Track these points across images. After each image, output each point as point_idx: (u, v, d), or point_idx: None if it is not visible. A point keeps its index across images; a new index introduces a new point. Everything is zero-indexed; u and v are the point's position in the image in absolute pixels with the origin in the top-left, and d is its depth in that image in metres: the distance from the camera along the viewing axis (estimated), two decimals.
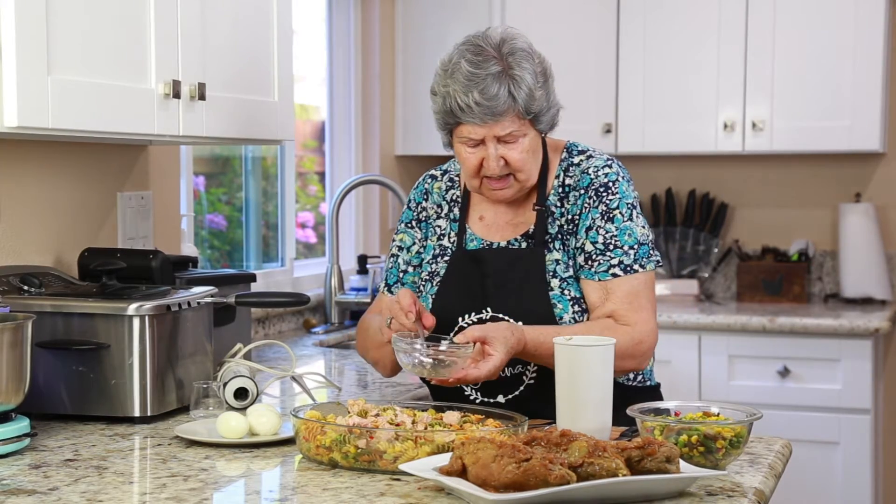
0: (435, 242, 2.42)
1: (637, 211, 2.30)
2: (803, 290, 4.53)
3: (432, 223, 2.44)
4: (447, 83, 2.29)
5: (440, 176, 2.48)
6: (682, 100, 4.45)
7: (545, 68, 2.30)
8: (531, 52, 2.28)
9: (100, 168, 2.80)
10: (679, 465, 1.72)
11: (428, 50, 4.45)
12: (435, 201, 2.45)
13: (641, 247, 2.28)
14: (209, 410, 2.25)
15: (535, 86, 2.25)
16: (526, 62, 2.25)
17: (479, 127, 2.24)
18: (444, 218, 2.43)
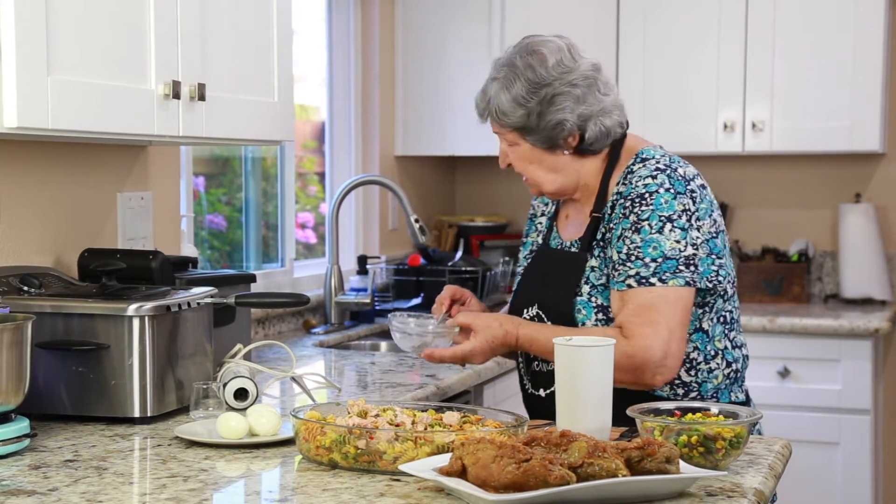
0: (534, 238, 2.53)
1: (676, 224, 2.20)
2: (803, 290, 4.53)
3: (536, 220, 2.55)
4: None
5: None
6: (682, 100, 4.45)
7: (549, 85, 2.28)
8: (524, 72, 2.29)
9: (100, 168, 2.80)
10: (679, 466, 1.72)
11: (428, 50, 4.45)
12: (543, 200, 2.54)
13: (667, 261, 2.19)
14: (209, 411, 2.25)
15: (513, 103, 2.29)
16: (509, 80, 2.30)
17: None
18: (545, 216, 2.52)
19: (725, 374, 2.31)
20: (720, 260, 2.26)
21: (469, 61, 4.39)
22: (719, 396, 2.31)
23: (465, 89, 4.40)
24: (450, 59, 4.43)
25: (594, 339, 2.02)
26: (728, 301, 2.31)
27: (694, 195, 2.25)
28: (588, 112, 2.29)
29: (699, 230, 2.23)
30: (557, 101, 2.27)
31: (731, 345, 2.32)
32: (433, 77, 4.46)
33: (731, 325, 2.33)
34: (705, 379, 2.29)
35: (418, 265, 4.21)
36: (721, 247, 2.28)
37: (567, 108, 2.28)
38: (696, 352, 2.28)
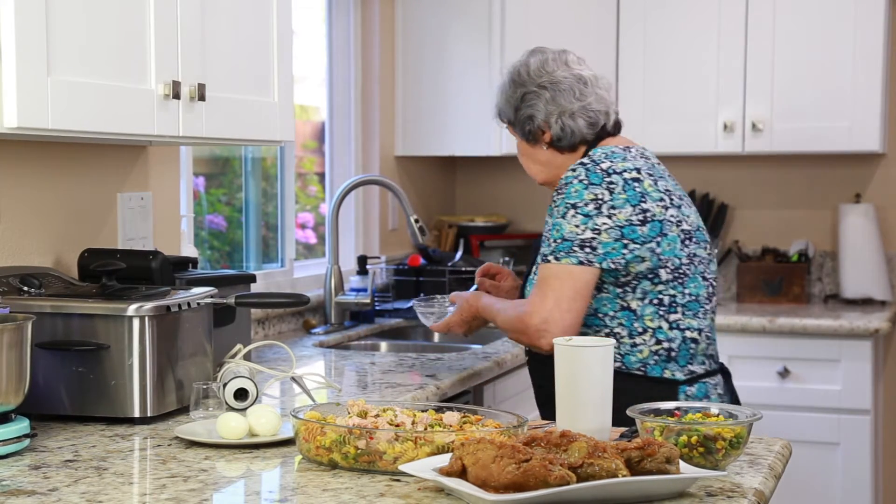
0: None
1: (580, 211, 2.50)
2: (803, 290, 4.54)
3: None
4: None
5: None
6: (682, 100, 4.45)
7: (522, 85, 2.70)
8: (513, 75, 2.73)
9: (100, 168, 2.80)
10: (679, 466, 1.72)
11: (428, 50, 4.45)
12: None
13: (564, 242, 2.51)
14: (209, 411, 2.25)
15: (506, 102, 2.73)
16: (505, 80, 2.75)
17: None
18: None
19: (653, 350, 2.56)
20: (638, 245, 2.51)
21: (469, 61, 4.39)
22: (647, 371, 2.57)
23: (465, 89, 4.40)
24: (450, 59, 4.43)
25: (594, 339, 2.03)
26: (663, 285, 2.55)
27: (612, 187, 2.52)
28: (554, 112, 2.66)
29: (610, 218, 2.50)
30: (528, 98, 2.69)
31: (669, 326, 2.56)
32: (433, 77, 4.46)
33: (670, 308, 2.56)
34: (628, 352, 2.57)
35: (418, 265, 4.21)
36: (648, 234, 2.51)
37: (535, 105, 2.68)
38: (621, 327, 2.57)
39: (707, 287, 2.62)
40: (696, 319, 2.59)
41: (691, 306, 2.58)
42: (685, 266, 2.57)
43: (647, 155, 2.65)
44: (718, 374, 2.68)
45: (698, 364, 2.61)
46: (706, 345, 2.63)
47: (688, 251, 2.58)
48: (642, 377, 2.57)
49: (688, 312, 2.58)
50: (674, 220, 2.56)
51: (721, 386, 2.67)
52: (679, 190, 2.66)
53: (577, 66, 2.69)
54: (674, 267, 2.55)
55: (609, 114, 2.70)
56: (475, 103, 4.37)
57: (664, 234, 2.53)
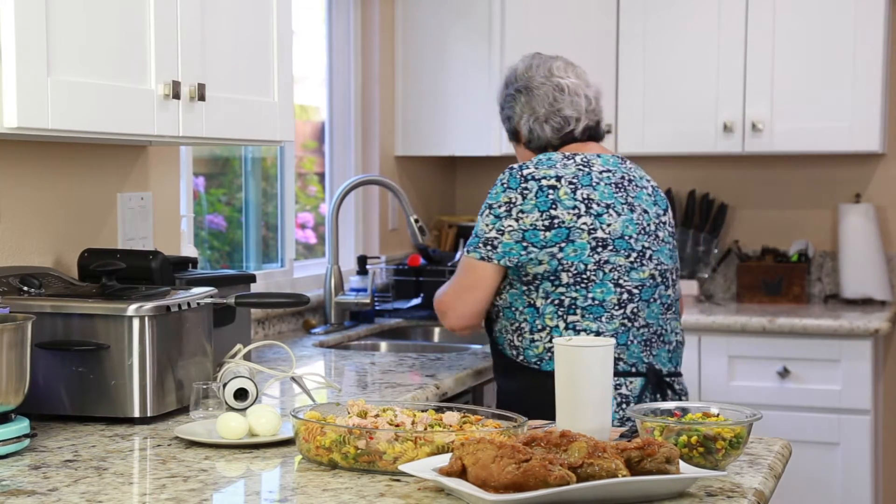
0: None
1: (493, 211, 2.74)
2: (803, 290, 4.53)
3: None
4: None
5: None
6: (681, 100, 4.45)
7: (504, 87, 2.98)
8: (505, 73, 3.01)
9: (100, 168, 2.80)
10: (679, 466, 1.72)
11: (428, 50, 4.45)
12: None
13: (475, 237, 2.77)
14: (209, 411, 2.25)
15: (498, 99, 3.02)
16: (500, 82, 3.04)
17: None
18: None
19: (548, 346, 2.74)
20: (537, 249, 2.70)
21: (469, 61, 4.39)
22: (541, 365, 2.74)
23: (466, 89, 4.40)
24: (450, 59, 4.43)
25: (594, 339, 2.03)
26: (564, 287, 2.71)
27: (526, 192, 2.72)
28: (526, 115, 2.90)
29: (517, 221, 2.71)
30: (508, 100, 2.95)
31: (565, 326, 2.72)
32: (433, 77, 4.46)
33: (569, 309, 2.72)
34: (528, 346, 2.76)
35: (418, 265, 4.21)
36: (551, 239, 2.69)
37: (513, 108, 2.94)
38: (525, 322, 2.76)
39: (619, 293, 2.72)
40: (597, 323, 2.72)
41: (593, 310, 2.71)
42: (591, 272, 2.70)
43: (590, 163, 2.77)
44: (639, 377, 2.76)
45: None
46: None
47: (598, 258, 2.70)
48: (538, 371, 2.74)
49: (588, 315, 2.71)
50: (585, 228, 2.69)
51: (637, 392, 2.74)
52: (615, 199, 2.75)
53: (559, 74, 2.89)
54: (577, 272, 2.70)
55: (580, 120, 2.87)
56: (475, 103, 4.37)
57: (570, 241, 2.69)
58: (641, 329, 2.76)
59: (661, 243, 2.82)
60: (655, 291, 2.79)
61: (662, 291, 2.81)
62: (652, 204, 2.84)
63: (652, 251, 2.79)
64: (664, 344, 2.82)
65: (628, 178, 2.81)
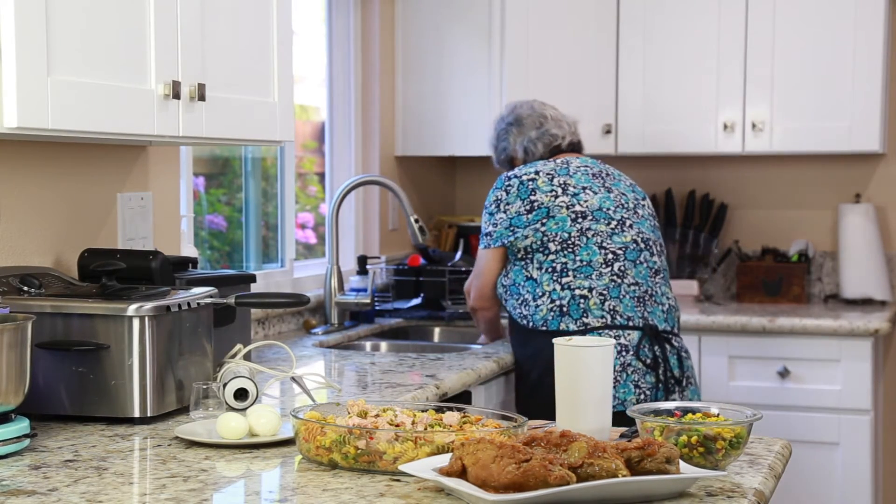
0: None
1: (487, 211, 3.30)
2: (803, 290, 4.53)
3: None
4: None
5: None
6: (682, 100, 4.45)
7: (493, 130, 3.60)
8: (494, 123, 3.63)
9: (100, 168, 2.80)
10: (679, 466, 1.72)
11: (428, 50, 4.45)
12: None
13: (482, 235, 3.32)
14: (209, 411, 2.25)
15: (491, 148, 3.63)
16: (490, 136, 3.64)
17: None
18: None
19: (549, 308, 3.16)
20: (521, 228, 3.20)
21: (469, 62, 4.39)
22: (548, 325, 3.16)
23: (465, 90, 4.40)
24: (450, 60, 4.43)
25: (594, 339, 2.03)
26: (553, 255, 3.17)
27: (509, 188, 3.26)
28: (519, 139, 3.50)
29: (505, 212, 3.24)
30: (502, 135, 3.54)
31: (560, 287, 3.16)
32: (433, 77, 4.46)
33: (562, 273, 3.16)
34: (533, 311, 3.19)
35: (418, 265, 4.21)
36: (533, 218, 3.20)
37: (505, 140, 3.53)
38: (527, 293, 3.21)
39: (604, 254, 3.17)
40: (588, 280, 3.15)
41: (583, 270, 3.16)
42: (575, 238, 3.17)
43: (569, 162, 3.30)
44: (637, 331, 3.15)
45: (594, 318, 3.14)
46: (600, 301, 3.14)
47: (579, 227, 3.17)
48: (544, 331, 3.14)
49: (579, 275, 3.16)
50: (563, 205, 3.19)
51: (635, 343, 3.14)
52: (591, 183, 3.25)
53: (540, 108, 3.50)
54: (562, 240, 3.17)
55: (566, 137, 3.46)
56: (475, 103, 4.37)
57: (551, 217, 3.18)
58: (632, 286, 3.17)
59: (640, 218, 3.27)
60: (640, 255, 3.21)
61: (647, 257, 3.23)
62: (630, 190, 3.32)
63: (632, 221, 3.25)
64: (657, 304, 3.21)
65: (605, 171, 3.33)
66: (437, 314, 4.06)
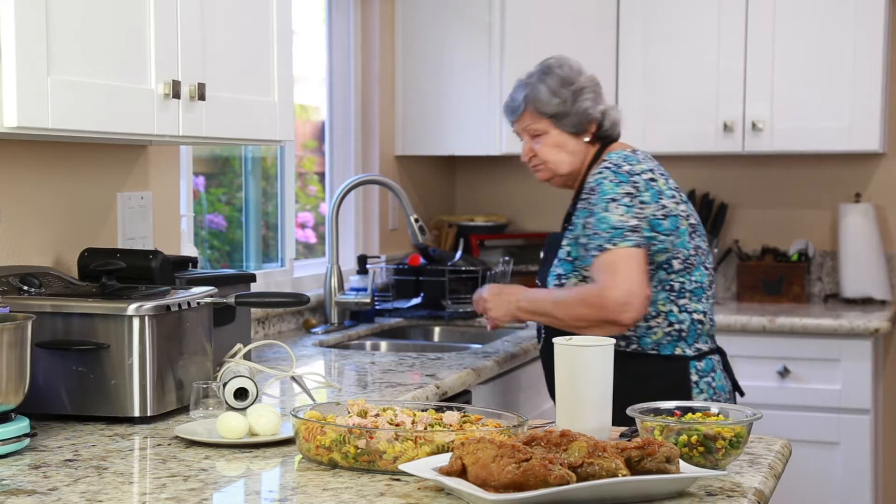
0: None
1: (620, 202, 2.75)
2: (803, 290, 4.54)
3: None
4: None
5: None
6: (682, 100, 4.45)
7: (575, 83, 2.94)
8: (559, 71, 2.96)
9: (100, 168, 2.80)
10: (679, 466, 1.72)
11: (428, 50, 4.45)
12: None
13: (616, 230, 2.74)
14: (209, 411, 2.25)
15: (550, 94, 2.93)
16: (547, 77, 2.95)
17: (513, 123, 3.03)
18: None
19: (666, 331, 2.83)
20: (664, 237, 2.77)
21: (469, 62, 4.39)
22: (660, 350, 2.84)
23: (465, 90, 4.40)
24: (450, 60, 4.43)
25: (594, 338, 2.02)
26: (674, 274, 2.81)
27: (636, 185, 2.78)
28: (604, 107, 2.95)
29: (642, 210, 2.76)
30: (584, 93, 2.93)
31: (678, 309, 2.82)
32: (433, 77, 4.46)
33: (679, 293, 2.83)
34: (644, 334, 2.83)
35: (418, 265, 4.21)
36: (669, 227, 2.79)
37: (590, 99, 2.93)
38: None
39: (708, 275, 2.89)
40: (701, 304, 2.86)
41: (697, 292, 2.85)
42: (692, 256, 2.83)
43: (650, 157, 2.93)
44: (717, 352, 2.95)
45: (703, 342, 2.88)
46: (709, 326, 2.90)
47: (693, 243, 2.84)
48: (655, 356, 2.83)
49: (693, 298, 2.85)
50: (683, 215, 2.83)
51: (720, 362, 2.94)
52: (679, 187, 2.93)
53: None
54: (683, 258, 2.82)
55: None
56: (475, 103, 4.37)
57: (678, 228, 2.81)
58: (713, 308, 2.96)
59: None
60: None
61: None
62: None
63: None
64: None
65: None
66: (437, 314, 4.06)
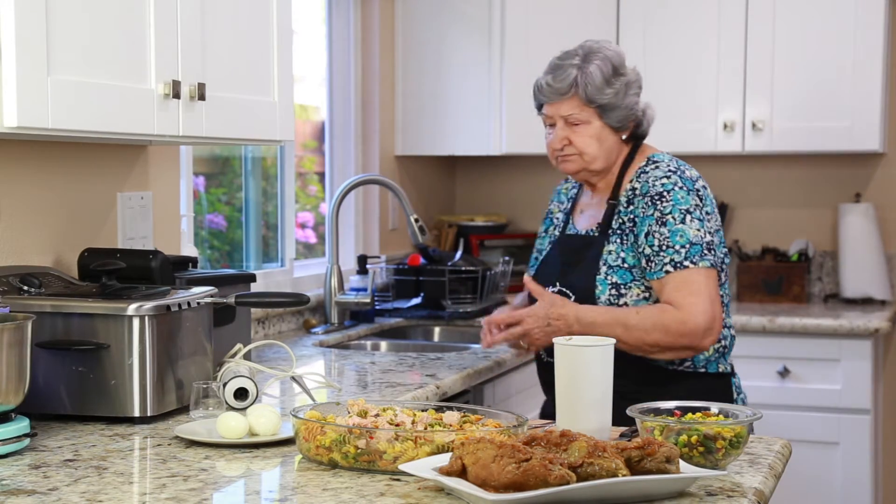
0: (552, 231, 2.92)
1: (694, 216, 2.60)
2: (803, 290, 4.54)
3: (553, 216, 2.94)
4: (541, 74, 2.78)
5: (570, 179, 2.95)
6: (682, 100, 4.45)
7: (626, 76, 2.73)
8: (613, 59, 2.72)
9: (100, 168, 2.80)
10: (679, 466, 1.72)
11: (428, 50, 4.45)
12: (560, 199, 2.96)
13: (693, 246, 2.59)
14: (209, 410, 2.25)
15: (604, 83, 2.70)
16: (600, 62, 2.71)
17: (549, 105, 2.74)
18: (562, 212, 2.92)
19: (715, 348, 2.70)
20: (721, 252, 2.68)
21: (469, 61, 4.39)
22: (707, 367, 2.71)
23: (465, 89, 4.40)
24: (450, 60, 4.43)
25: (594, 338, 2.02)
26: (722, 287, 2.67)
27: (700, 194, 2.66)
28: (644, 104, 2.79)
29: (710, 223, 2.64)
30: (632, 87, 2.74)
31: (723, 325, 2.69)
32: (433, 77, 4.46)
33: (724, 308, 2.68)
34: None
35: (418, 265, 4.21)
36: (722, 240, 2.70)
37: (636, 94, 2.76)
38: None
39: (730, 288, 2.75)
40: (730, 317, 2.77)
41: (729, 305, 2.77)
42: (725, 270, 2.73)
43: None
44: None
45: (730, 357, 2.79)
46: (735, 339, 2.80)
47: (723, 257, 2.73)
48: (704, 374, 2.71)
49: (728, 311, 2.74)
50: (720, 227, 2.73)
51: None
52: None
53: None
54: (723, 270, 2.71)
55: None
56: (475, 103, 4.37)
57: (723, 240, 2.72)
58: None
59: None
60: None
61: None
62: None
63: None
64: None
65: None
66: (437, 314, 4.06)
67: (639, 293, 2.65)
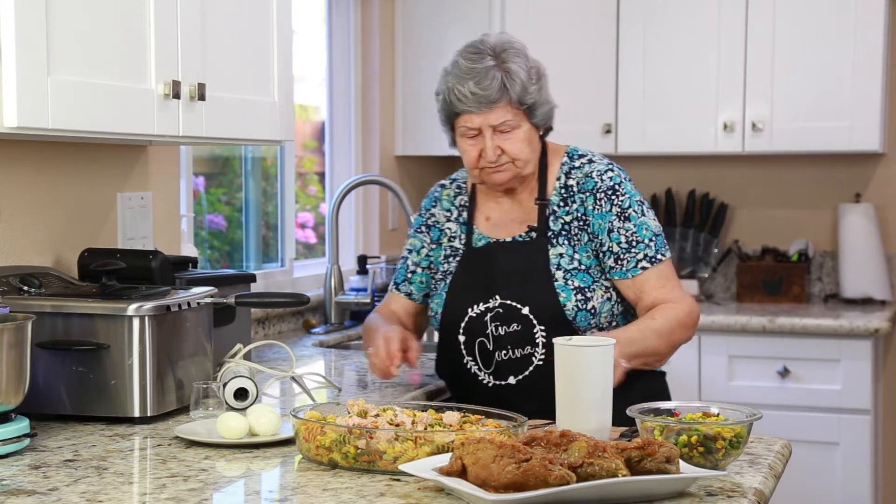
0: (446, 244, 2.68)
1: (646, 206, 2.53)
2: (803, 290, 4.53)
3: (442, 227, 2.70)
4: (447, 80, 2.56)
5: (449, 184, 2.79)
6: (682, 100, 4.45)
7: (538, 68, 2.54)
8: (525, 52, 2.53)
9: (100, 168, 2.80)
10: (679, 466, 1.72)
11: (428, 51, 4.45)
12: (444, 207, 2.73)
13: (657, 237, 2.52)
14: (209, 411, 2.25)
15: (528, 80, 2.49)
16: (519, 59, 2.50)
17: (475, 115, 2.50)
18: (453, 221, 2.69)
19: None
20: None
21: None
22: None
23: None
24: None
25: (594, 338, 2.02)
26: None
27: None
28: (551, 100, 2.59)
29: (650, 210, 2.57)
30: (544, 78, 2.55)
31: None
32: (433, 77, 4.41)
33: None
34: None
35: None
36: None
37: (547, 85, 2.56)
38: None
39: None
40: None
41: None
42: None
43: None
44: None
45: None
46: None
47: None
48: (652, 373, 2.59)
49: None
50: None
51: None
52: None
53: None
54: None
55: None
56: None
57: None
58: None
59: None
60: None
61: None
62: None
63: None
64: None
65: None
66: None
67: (602, 294, 2.51)
